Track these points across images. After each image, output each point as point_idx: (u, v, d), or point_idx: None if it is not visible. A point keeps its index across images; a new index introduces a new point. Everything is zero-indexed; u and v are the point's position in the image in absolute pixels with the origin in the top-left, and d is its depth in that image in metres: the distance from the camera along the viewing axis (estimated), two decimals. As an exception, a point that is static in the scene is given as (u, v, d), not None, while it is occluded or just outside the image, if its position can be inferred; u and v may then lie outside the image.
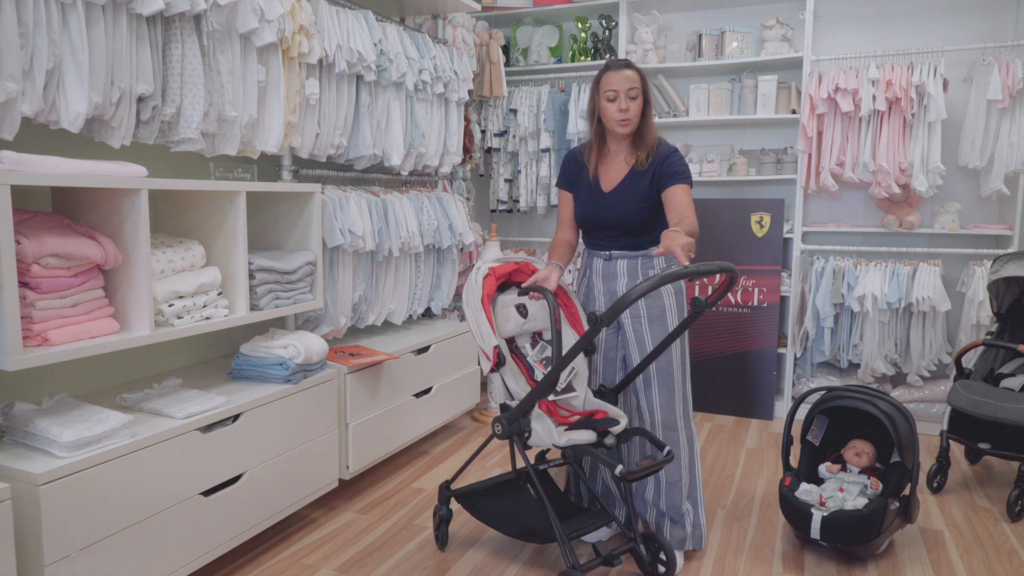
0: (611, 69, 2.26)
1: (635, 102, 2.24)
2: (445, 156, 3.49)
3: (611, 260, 2.35)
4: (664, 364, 2.29)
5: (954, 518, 2.71)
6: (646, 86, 2.27)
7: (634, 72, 2.24)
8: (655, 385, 2.30)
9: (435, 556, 2.38)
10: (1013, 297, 3.07)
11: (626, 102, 2.23)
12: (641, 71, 2.27)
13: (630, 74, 2.23)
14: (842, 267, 3.67)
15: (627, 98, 2.23)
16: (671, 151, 2.29)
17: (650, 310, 2.30)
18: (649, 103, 2.29)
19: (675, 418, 2.32)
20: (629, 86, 2.22)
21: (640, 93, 2.25)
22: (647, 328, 2.30)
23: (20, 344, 1.64)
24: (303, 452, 2.46)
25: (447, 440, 3.53)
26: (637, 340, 2.32)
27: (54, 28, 1.72)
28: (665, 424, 2.32)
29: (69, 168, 1.75)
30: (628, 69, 2.24)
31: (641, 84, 2.24)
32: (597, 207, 2.33)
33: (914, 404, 3.66)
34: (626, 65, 2.26)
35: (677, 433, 2.33)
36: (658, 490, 2.36)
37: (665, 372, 2.30)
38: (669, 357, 2.29)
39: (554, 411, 2.26)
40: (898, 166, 3.46)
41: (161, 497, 1.91)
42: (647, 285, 1.80)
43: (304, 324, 2.87)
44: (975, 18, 3.61)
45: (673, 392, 2.31)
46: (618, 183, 2.31)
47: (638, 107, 2.25)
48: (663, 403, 2.31)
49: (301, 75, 2.54)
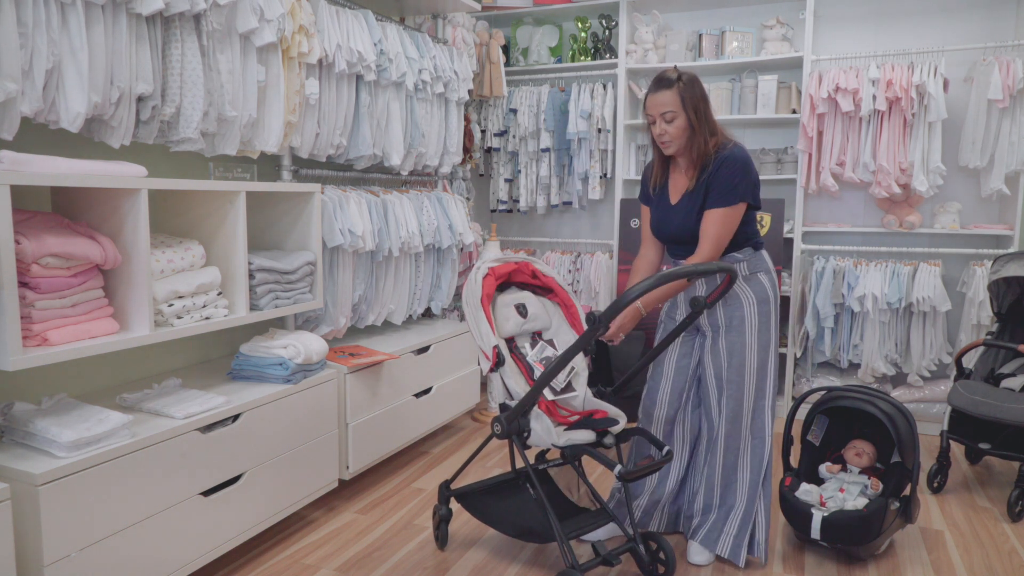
0: (649, 91, 2.19)
1: (673, 124, 2.15)
2: (445, 156, 3.49)
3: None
4: (734, 376, 2.24)
5: (954, 518, 2.71)
6: (689, 103, 2.14)
7: (670, 93, 2.14)
8: (725, 395, 2.26)
9: (435, 556, 2.38)
10: (1013, 297, 3.07)
11: (662, 126, 2.17)
12: (684, 84, 2.15)
13: (664, 97, 2.15)
14: (842, 267, 3.66)
15: (663, 121, 2.17)
16: (723, 161, 2.17)
17: (730, 320, 2.24)
18: (699, 118, 2.16)
19: (739, 428, 2.27)
20: (663, 110, 2.15)
21: (679, 112, 2.14)
22: (723, 338, 2.25)
23: (20, 344, 1.64)
24: (303, 452, 2.46)
25: (447, 440, 3.53)
26: (713, 350, 2.27)
27: (54, 28, 1.72)
28: (728, 435, 2.28)
29: (69, 168, 1.75)
30: (663, 91, 2.15)
31: (680, 103, 2.14)
32: (666, 219, 2.30)
33: (914, 404, 3.66)
34: (663, 86, 2.16)
35: (738, 444, 2.28)
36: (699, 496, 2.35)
37: (735, 384, 2.25)
38: (740, 368, 2.24)
39: (553, 411, 2.26)
40: (898, 166, 3.46)
41: (161, 497, 1.91)
42: (645, 285, 1.80)
43: (304, 324, 2.87)
44: (975, 18, 3.61)
45: (740, 404, 2.25)
46: (682, 195, 2.26)
47: (678, 128, 2.16)
48: (730, 414, 2.26)
49: (301, 75, 2.54)
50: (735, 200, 2.15)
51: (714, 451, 2.32)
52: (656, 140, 2.23)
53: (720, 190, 2.15)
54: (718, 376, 2.27)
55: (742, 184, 2.16)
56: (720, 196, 2.15)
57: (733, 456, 2.30)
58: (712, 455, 2.32)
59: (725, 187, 2.15)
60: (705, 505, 2.36)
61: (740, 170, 2.16)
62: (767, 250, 3.76)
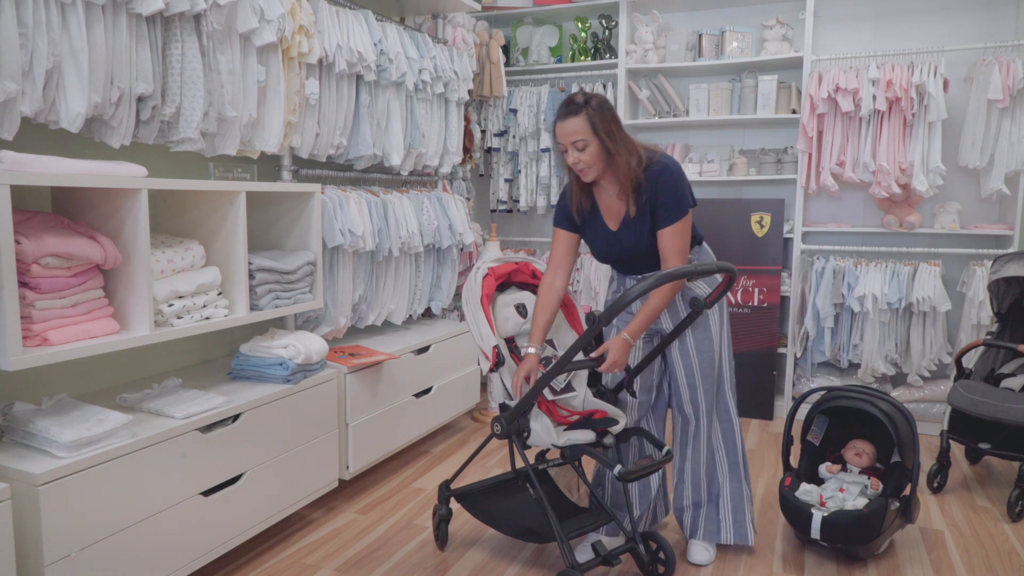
0: (557, 119, 2.07)
1: (586, 152, 2.03)
2: (445, 156, 3.49)
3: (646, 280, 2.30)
4: (706, 370, 2.27)
5: (954, 518, 2.71)
6: (600, 127, 2.01)
7: (578, 118, 2.02)
8: (700, 389, 2.28)
9: (435, 556, 2.38)
10: (1013, 297, 3.07)
11: (575, 154, 2.05)
12: (592, 109, 2.01)
13: (572, 125, 2.02)
14: (842, 267, 3.66)
15: (575, 150, 2.05)
16: (658, 176, 2.08)
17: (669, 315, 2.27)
18: (613, 140, 2.04)
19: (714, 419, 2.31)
20: (573, 139, 2.03)
21: (590, 138, 2.02)
22: (691, 336, 2.27)
23: (20, 344, 1.64)
24: (303, 452, 2.46)
25: (447, 440, 3.53)
26: (681, 349, 2.29)
27: (54, 28, 1.72)
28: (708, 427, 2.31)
29: (69, 168, 1.75)
30: (571, 118, 2.03)
31: (590, 128, 2.01)
32: (613, 245, 2.22)
33: (914, 404, 3.66)
34: (571, 112, 2.03)
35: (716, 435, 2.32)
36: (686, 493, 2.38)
37: (708, 378, 2.28)
38: (712, 361, 2.27)
39: (553, 411, 2.26)
40: (898, 166, 3.46)
41: (161, 497, 1.91)
42: (645, 285, 1.80)
43: (304, 324, 2.87)
44: (975, 18, 3.61)
45: (713, 395, 2.30)
46: (621, 221, 2.18)
47: (592, 155, 2.04)
48: (707, 407, 2.29)
49: (301, 75, 2.54)
50: (684, 211, 2.10)
51: (695, 446, 2.34)
52: (572, 168, 2.12)
53: (667, 207, 2.08)
54: (690, 374, 2.29)
55: (683, 193, 2.10)
56: (670, 213, 2.08)
57: (710, 447, 2.34)
58: (693, 450, 2.35)
59: (671, 203, 2.08)
60: (695, 501, 2.38)
61: (677, 181, 2.09)
62: (767, 250, 3.82)
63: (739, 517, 2.36)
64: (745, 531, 2.36)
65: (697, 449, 2.35)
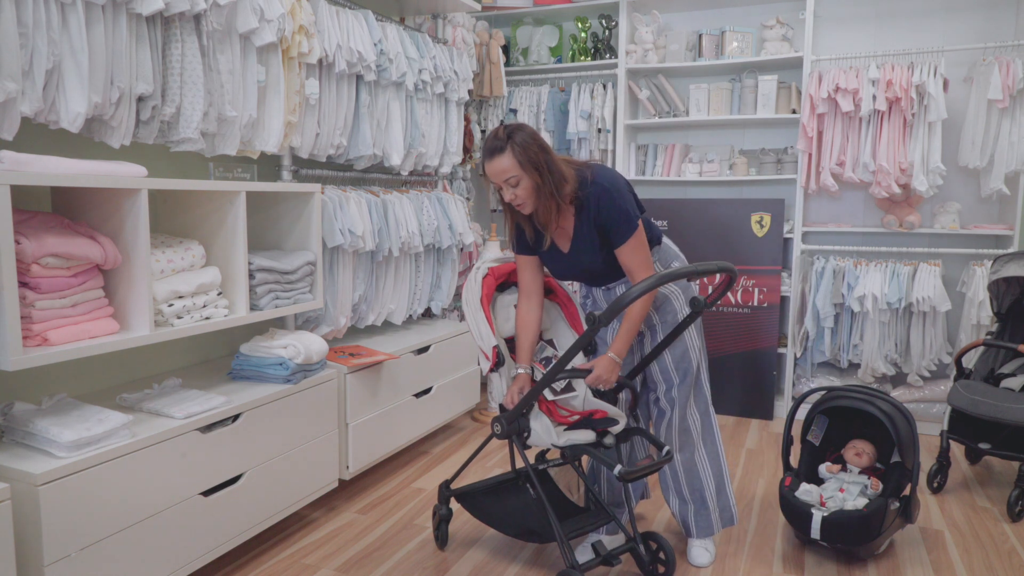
0: (484, 158, 2.02)
1: (520, 187, 2.00)
2: (445, 156, 3.49)
3: (611, 289, 2.30)
4: (680, 362, 2.28)
5: (954, 518, 2.71)
6: (528, 162, 1.97)
7: (504, 156, 1.97)
8: (676, 387, 2.29)
9: (435, 556, 2.38)
10: (1013, 297, 3.07)
11: (510, 191, 2.02)
12: (517, 145, 1.96)
13: (500, 164, 1.97)
14: (842, 267, 3.66)
15: (509, 187, 2.01)
16: (598, 196, 2.05)
17: (663, 316, 2.27)
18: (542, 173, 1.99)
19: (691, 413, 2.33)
20: (504, 176, 1.98)
21: (521, 175, 1.98)
22: (662, 333, 2.28)
23: (20, 344, 1.64)
24: (303, 452, 2.46)
25: (447, 440, 3.53)
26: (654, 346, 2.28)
27: (54, 28, 1.72)
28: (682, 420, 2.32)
29: (69, 168, 1.75)
30: (496, 157, 1.98)
31: (518, 165, 1.96)
32: (568, 266, 2.22)
33: (914, 404, 3.66)
34: (495, 150, 1.98)
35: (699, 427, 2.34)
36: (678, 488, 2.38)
37: (682, 371, 2.29)
38: (685, 355, 2.28)
39: (553, 411, 2.26)
40: (898, 166, 3.46)
41: (161, 497, 1.91)
42: (645, 285, 1.80)
43: (304, 324, 2.87)
44: (975, 18, 3.61)
45: (689, 391, 2.31)
46: (571, 242, 2.17)
47: (526, 190, 2.00)
48: (682, 399, 2.31)
49: (301, 75, 2.54)
50: (634, 225, 2.07)
51: (667, 435, 2.35)
52: (510, 205, 2.09)
53: (616, 226, 2.06)
54: (664, 370, 2.30)
55: (627, 207, 2.07)
56: (621, 231, 2.07)
57: (690, 441, 2.34)
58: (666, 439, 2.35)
59: (619, 220, 2.06)
60: (681, 498, 2.39)
61: (618, 198, 2.06)
62: (767, 250, 3.81)
63: (723, 503, 2.40)
64: (731, 513, 2.41)
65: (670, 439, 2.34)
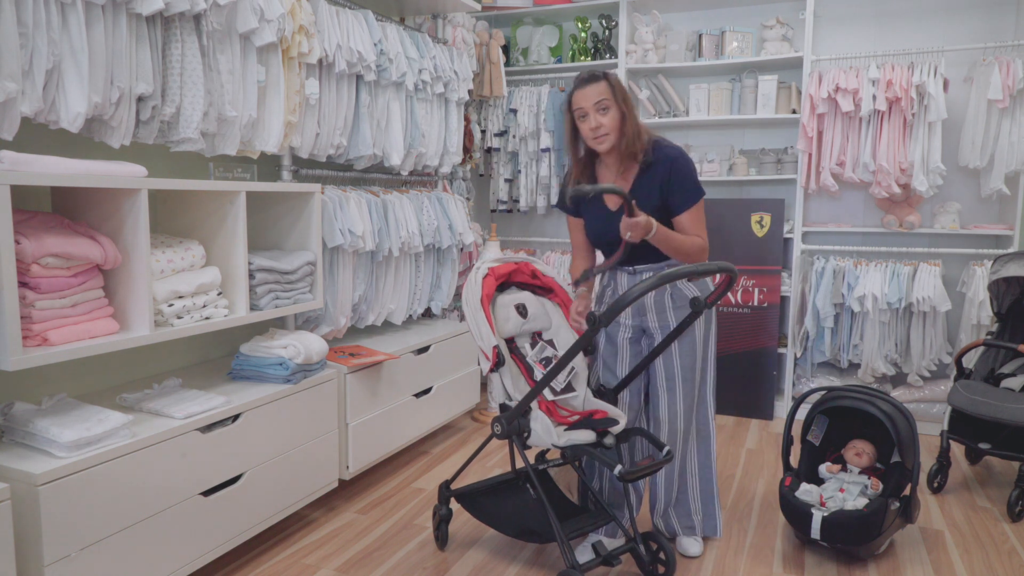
0: (576, 87, 2.13)
1: (607, 114, 2.09)
2: (445, 156, 3.49)
3: (636, 274, 2.27)
4: (687, 373, 2.27)
5: (954, 518, 2.71)
6: (619, 93, 2.10)
7: (601, 83, 2.09)
8: (679, 391, 2.28)
9: (435, 556, 2.38)
10: (1013, 297, 3.07)
11: (596, 118, 2.10)
12: (612, 78, 2.11)
13: (596, 87, 2.09)
14: (842, 267, 3.66)
15: (597, 112, 2.10)
16: (673, 160, 2.15)
17: (679, 319, 2.25)
18: (628, 110, 2.12)
19: (691, 425, 2.32)
20: (596, 99, 2.08)
21: (612, 103, 2.09)
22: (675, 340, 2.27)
23: (20, 344, 1.64)
24: (303, 452, 2.46)
25: (447, 440, 3.53)
26: (664, 352, 2.27)
27: (54, 28, 1.72)
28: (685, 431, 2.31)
29: (69, 168, 1.75)
30: (593, 82, 2.10)
31: (612, 93, 2.09)
32: (608, 227, 2.22)
33: (914, 404, 3.66)
34: (591, 78, 2.10)
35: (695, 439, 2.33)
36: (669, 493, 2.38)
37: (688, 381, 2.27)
38: (692, 366, 2.26)
39: (553, 411, 2.26)
40: (898, 166, 3.46)
41: (161, 497, 1.91)
42: (645, 285, 1.80)
43: (304, 324, 2.87)
44: (975, 18, 3.61)
45: (693, 398, 2.30)
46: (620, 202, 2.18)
47: (612, 120, 2.10)
48: (685, 408, 2.29)
49: (301, 75, 2.53)
50: (700, 195, 2.18)
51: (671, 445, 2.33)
52: (590, 135, 2.13)
53: (684, 191, 2.15)
54: (670, 377, 2.29)
55: (697, 179, 2.19)
56: (688, 196, 2.16)
57: (682, 450, 2.34)
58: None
59: (688, 185, 2.15)
60: (666, 501, 2.40)
61: (691, 167, 2.18)
62: (767, 250, 3.81)
63: (708, 511, 2.41)
64: (715, 524, 2.43)
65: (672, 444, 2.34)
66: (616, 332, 2.35)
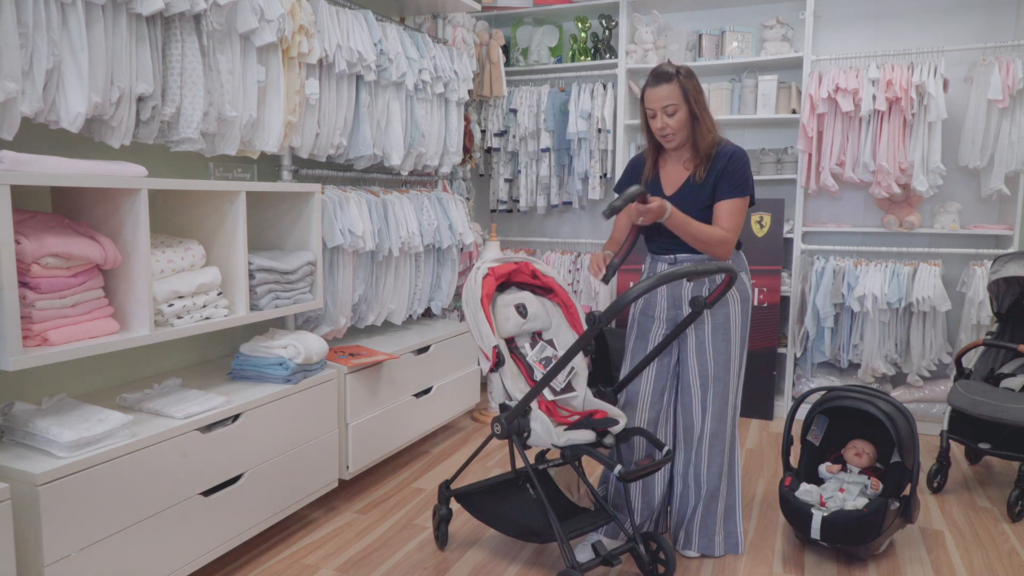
0: (648, 85, 2.20)
1: (674, 117, 2.17)
2: (445, 156, 3.49)
3: (676, 264, 2.29)
4: (720, 372, 2.26)
5: (954, 518, 2.71)
6: (690, 95, 2.16)
7: (670, 87, 2.15)
8: (711, 392, 2.27)
9: (435, 556, 2.38)
10: (1013, 297, 3.07)
11: (663, 119, 2.18)
12: (683, 78, 2.16)
13: (664, 91, 2.16)
14: (842, 267, 3.66)
15: (664, 115, 2.18)
16: (731, 154, 2.21)
17: (715, 318, 2.25)
18: (700, 110, 2.18)
19: (724, 426, 2.30)
20: (664, 103, 2.16)
21: (679, 107, 2.16)
22: (709, 337, 2.26)
23: (20, 344, 1.64)
24: (303, 452, 2.46)
25: (447, 440, 3.53)
26: (698, 348, 2.28)
27: (54, 28, 1.72)
28: (714, 433, 2.30)
29: (69, 168, 1.75)
30: (663, 85, 2.16)
31: (682, 96, 2.15)
32: None
33: (914, 404, 3.66)
34: (662, 79, 2.16)
35: (723, 442, 2.31)
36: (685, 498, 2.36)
37: (721, 381, 2.27)
38: (727, 365, 2.26)
39: (553, 411, 2.26)
40: (898, 166, 3.46)
41: (161, 497, 1.91)
42: (646, 285, 1.80)
43: (304, 324, 2.87)
44: (975, 18, 3.61)
45: (727, 401, 2.29)
46: (679, 187, 2.27)
47: (679, 121, 2.18)
48: (716, 411, 2.28)
49: (301, 75, 2.53)
50: (746, 191, 2.22)
51: (699, 451, 2.32)
52: (657, 134, 2.23)
53: (733, 182, 2.20)
54: (703, 375, 2.28)
55: (750, 178, 2.24)
56: (734, 187, 2.21)
57: (719, 454, 2.32)
58: (696, 455, 2.33)
59: (738, 179, 2.20)
60: (692, 509, 2.36)
61: (747, 165, 2.23)
62: (768, 250, 3.81)
63: (730, 528, 2.38)
64: (736, 541, 2.39)
65: (699, 455, 2.32)
66: (649, 327, 2.35)
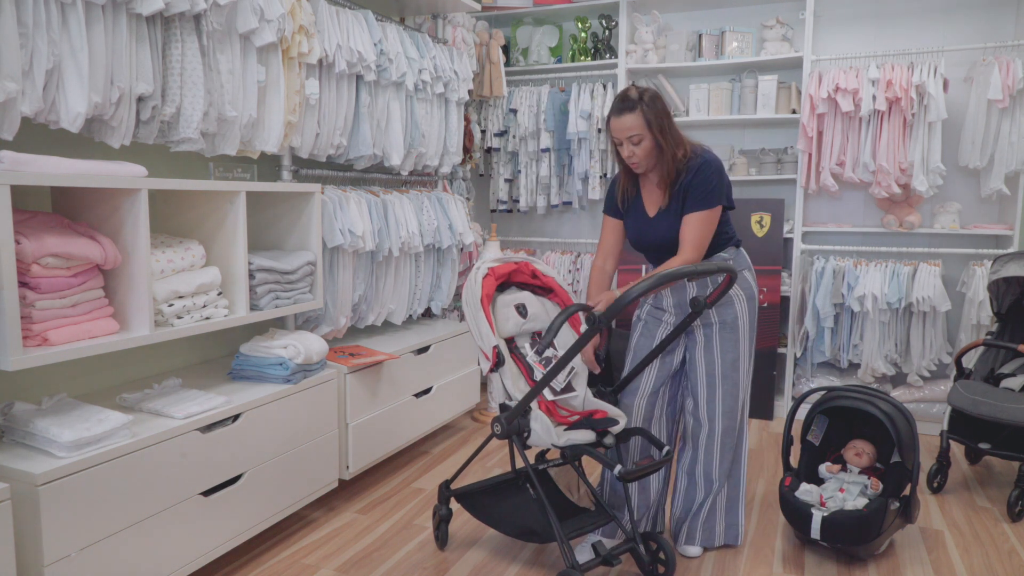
0: (612, 113, 2.17)
1: (640, 146, 2.15)
2: (445, 156, 3.49)
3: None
4: (729, 371, 2.27)
5: (954, 518, 2.71)
6: (653, 124, 2.12)
7: (633, 116, 2.12)
8: (720, 391, 2.28)
9: (435, 556, 2.38)
10: (1013, 297, 3.07)
11: (630, 148, 2.16)
12: (646, 106, 2.12)
13: (628, 121, 2.12)
14: (842, 267, 3.66)
15: (630, 144, 2.16)
16: (698, 168, 2.17)
17: (722, 317, 2.26)
18: (664, 136, 2.14)
19: (735, 424, 2.31)
20: (628, 134, 2.14)
21: (644, 136, 2.13)
22: (717, 336, 2.27)
23: (20, 344, 1.64)
24: (303, 452, 2.46)
25: (447, 440, 3.53)
26: (706, 347, 2.28)
27: (54, 28, 1.72)
28: (726, 431, 2.30)
29: (69, 168, 1.75)
30: (626, 115, 2.13)
31: (645, 125, 2.12)
32: (647, 231, 2.29)
33: (914, 404, 3.66)
34: (626, 109, 2.13)
35: (734, 439, 2.33)
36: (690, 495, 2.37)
37: (731, 380, 2.27)
38: (735, 363, 2.27)
39: (553, 411, 2.26)
40: (898, 166, 3.46)
41: (161, 497, 1.91)
42: (645, 285, 1.80)
43: (304, 324, 2.87)
44: (975, 18, 3.61)
45: (737, 399, 2.29)
46: (658, 209, 2.26)
47: (645, 150, 2.15)
48: (727, 410, 2.29)
49: (301, 75, 2.53)
50: (712, 204, 2.17)
51: (709, 449, 2.32)
52: (625, 162, 2.23)
53: (697, 195, 2.16)
54: (711, 374, 2.28)
55: (717, 188, 2.18)
56: (697, 201, 2.17)
57: (731, 451, 2.33)
58: (706, 453, 2.33)
59: (702, 192, 2.16)
60: (698, 505, 2.37)
61: (714, 175, 2.17)
62: (767, 250, 3.81)
63: (731, 520, 2.41)
64: (736, 532, 2.41)
65: (709, 453, 2.33)
66: (656, 325, 2.35)
